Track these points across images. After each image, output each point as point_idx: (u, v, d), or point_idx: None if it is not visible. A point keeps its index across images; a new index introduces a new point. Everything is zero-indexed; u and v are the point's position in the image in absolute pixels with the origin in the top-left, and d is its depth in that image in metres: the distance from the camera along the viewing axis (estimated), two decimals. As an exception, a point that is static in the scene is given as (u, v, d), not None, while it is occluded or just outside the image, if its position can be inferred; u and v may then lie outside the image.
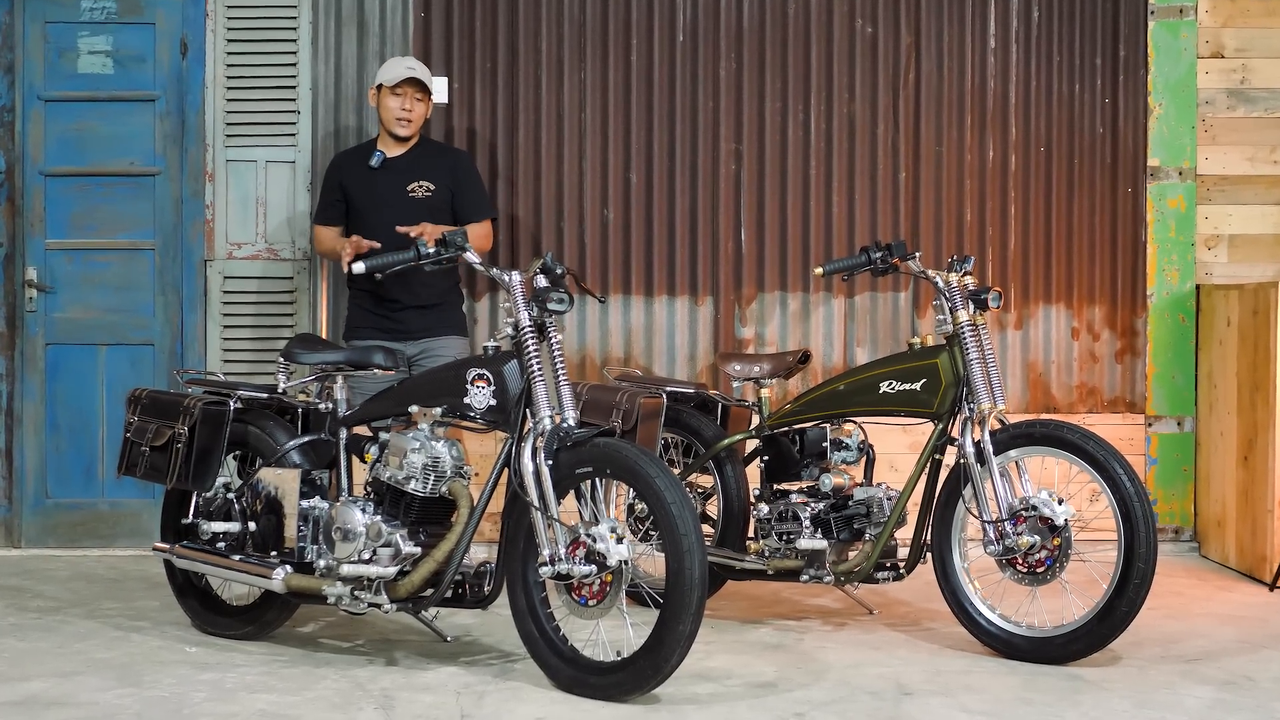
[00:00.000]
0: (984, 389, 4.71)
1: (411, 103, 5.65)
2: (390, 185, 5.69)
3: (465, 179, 5.79)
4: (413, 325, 5.68)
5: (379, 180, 5.70)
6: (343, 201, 5.76)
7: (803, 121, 6.45)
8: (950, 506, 4.78)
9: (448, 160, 5.80)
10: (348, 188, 5.75)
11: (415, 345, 5.68)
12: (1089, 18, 6.51)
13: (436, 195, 5.69)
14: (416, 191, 5.68)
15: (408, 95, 5.64)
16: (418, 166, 5.73)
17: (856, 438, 5.10)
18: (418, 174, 5.71)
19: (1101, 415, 6.49)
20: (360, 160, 5.76)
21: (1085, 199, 6.51)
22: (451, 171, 5.75)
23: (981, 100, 6.48)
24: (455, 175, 5.75)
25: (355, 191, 5.74)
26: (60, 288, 6.39)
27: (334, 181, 5.82)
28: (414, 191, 5.68)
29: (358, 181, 5.74)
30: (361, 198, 5.71)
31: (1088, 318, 6.55)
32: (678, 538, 4.00)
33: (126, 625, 5.07)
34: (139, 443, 4.87)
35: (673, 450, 5.45)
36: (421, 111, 5.70)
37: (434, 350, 5.69)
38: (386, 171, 5.70)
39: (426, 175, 5.70)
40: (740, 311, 6.45)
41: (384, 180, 5.70)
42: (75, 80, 6.35)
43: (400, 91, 5.64)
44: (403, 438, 4.42)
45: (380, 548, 4.42)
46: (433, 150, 5.85)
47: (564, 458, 4.18)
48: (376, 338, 5.61)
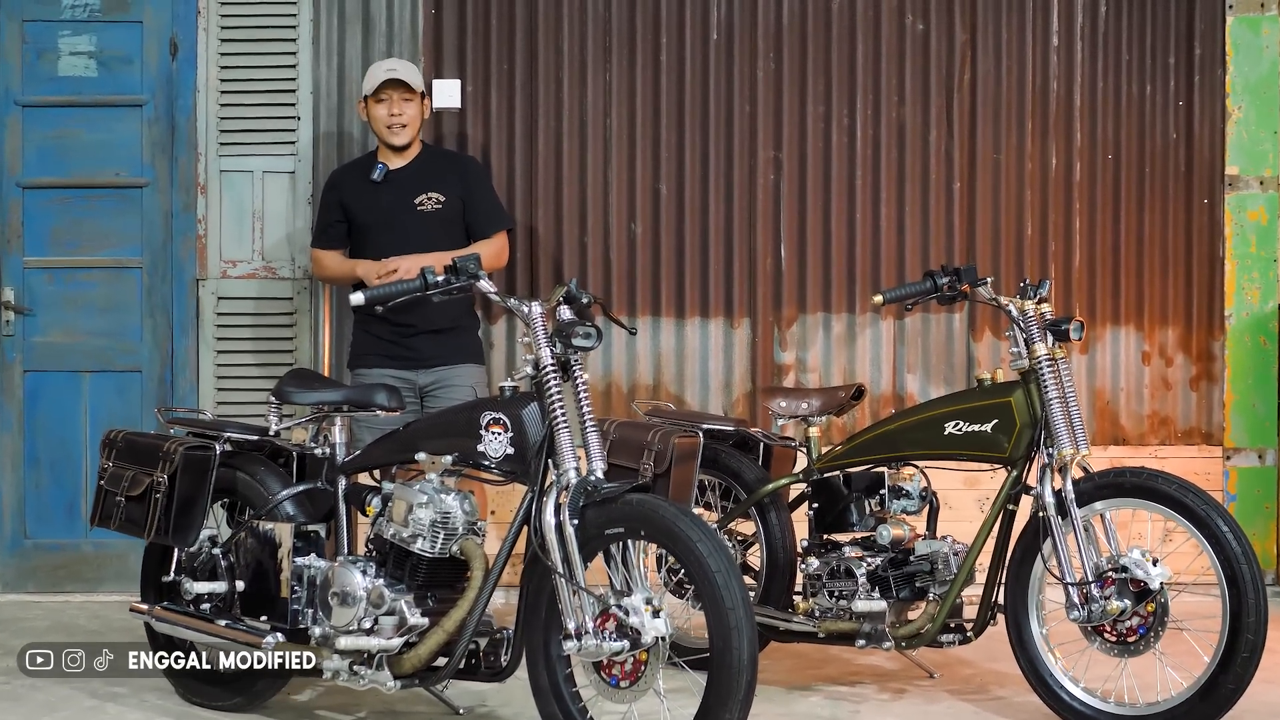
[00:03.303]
0: (1065, 432, 4.30)
1: (399, 105, 5.38)
2: (396, 200, 5.40)
3: (477, 187, 5.51)
4: (426, 353, 5.39)
5: (383, 195, 5.41)
6: (344, 222, 5.49)
7: (848, 127, 6.19)
8: (1026, 564, 4.38)
9: (456, 167, 5.54)
10: (349, 206, 5.47)
11: (428, 374, 5.40)
12: (1161, 13, 6.26)
13: (448, 207, 5.41)
14: (425, 204, 5.40)
15: (393, 99, 5.38)
16: (424, 176, 5.44)
17: (918, 484, 4.71)
18: (425, 185, 5.42)
19: (1175, 447, 6.26)
20: (360, 175, 5.48)
21: (1157, 211, 6.27)
22: (462, 179, 5.48)
23: (1043, 103, 6.21)
24: (466, 183, 5.48)
25: (357, 209, 5.45)
26: (40, 309, 6.18)
27: (332, 201, 5.54)
28: (422, 205, 5.40)
29: (359, 198, 5.45)
30: (365, 215, 5.43)
31: (1160, 341, 6.28)
32: (723, 612, 3.59)
33: (103, 692, 4.67)
34: (114, 491, 4.51)
35: (709, 493, 5.08)
36: (414, 113, 5.43)
37: (449, 380, 5.39)
38: (390, 185, 5.42)
39: (435, 185, 5.42)
40: (780, 334, 6.19)
41: (388, 195, 5.41)
42: (55, 83, 6.16)
43: (384, 97, 5.39)
44: (408, 489, 4.06)
45: (383, 616, 4.04)
46: (439, 157, 5.60)
47: (591, 515, 3.80)
48: (386, 366, 5.37)
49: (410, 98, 5.39)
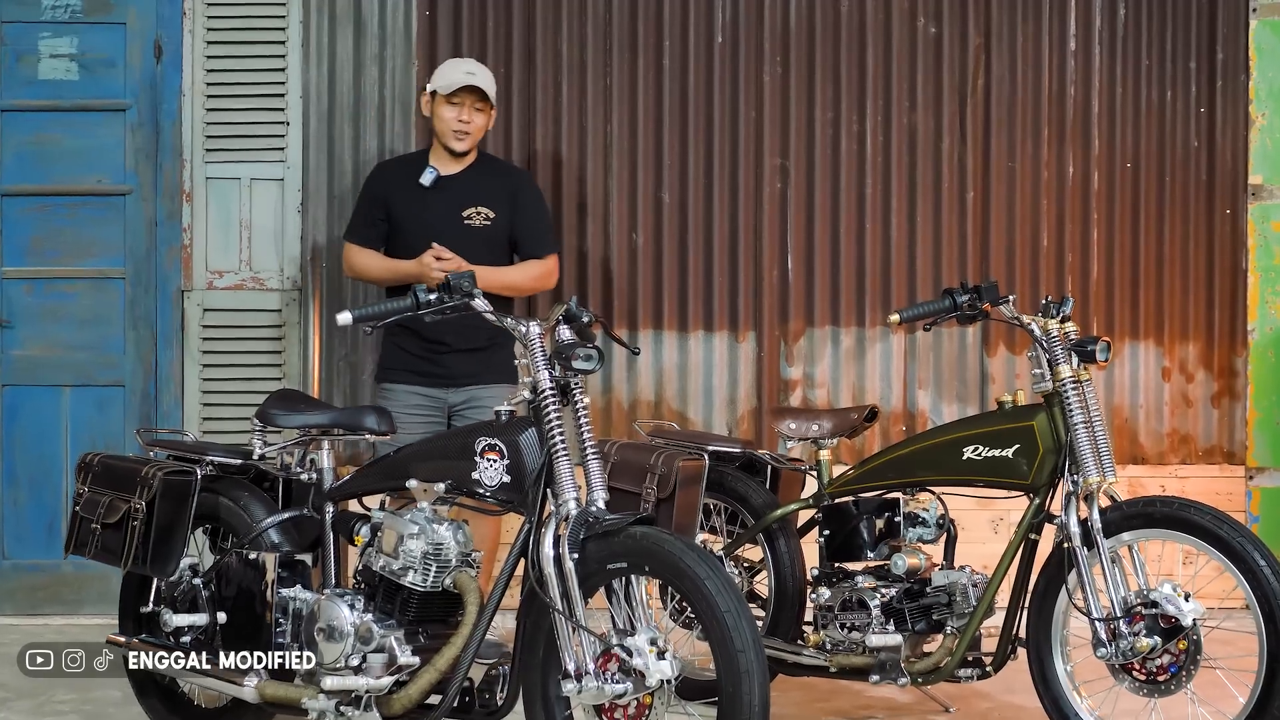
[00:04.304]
0: (1091, 458, 4.17)
1: (470, 113, 5.27)
2: (444, 209, 5.28)
3: (529, 206, 5.41)
4: (458, 370, 5.28)
5: (430, 202, 5.29)
6: (385, 221, 5.35)
7: (857, 134, 6.15)
8: (1050, 598, 4.25)
9: (510, 183, 5.42)
10: (393, 206, 5.34)
11: (460, 393, 5.28)
12: (1182, 16, 6.23)
13: (496, 225, 5.29)
14: (474, 219, 5.28)
15: (466, 105, 5.26)
16: (476, 188, 5.32)
17: (935, 511, 4.56)
18: (476, 198, 5.30)
19: (1195, 467, 6.23)
20: (409, 175, 5.35)
21: (1178, 222, 6.23)
22: (513, 196, 5.36)
23: (1060, 110, 6.18)
24: (517, 201, 5.36)
25: (402, 213, 5.32)
26: (19, 322, 6.11)
27: (377, 195, 5.40)
28: (470, 219, 5.28)
29: (406, 201, 5.32)
30: (408, 221, 5.30)
31: (1180, 356, 6.24)
32: (733, 655, 3.45)
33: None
34: (89, 518, 4.36)
35: (715, 517, 4.93)
36: (482, 123, 5.33)
37: (481, 400, 5.25)
38: (440, 192, 5.30)
39: (486, 200, 5.30)
40: (786, 349, 6.12)
41: (436, 202, 5.29)
42: (35, 87, 6.09)
43: (457, 100, 5.26)
44: (399, 519, 3.91)
45: (371, 653, 3.89)
46: (493, 170, 5.48)
47: (593, 549, 3.65)
48: (414, 382, 5.28)
49: (483, 108, 5.28)
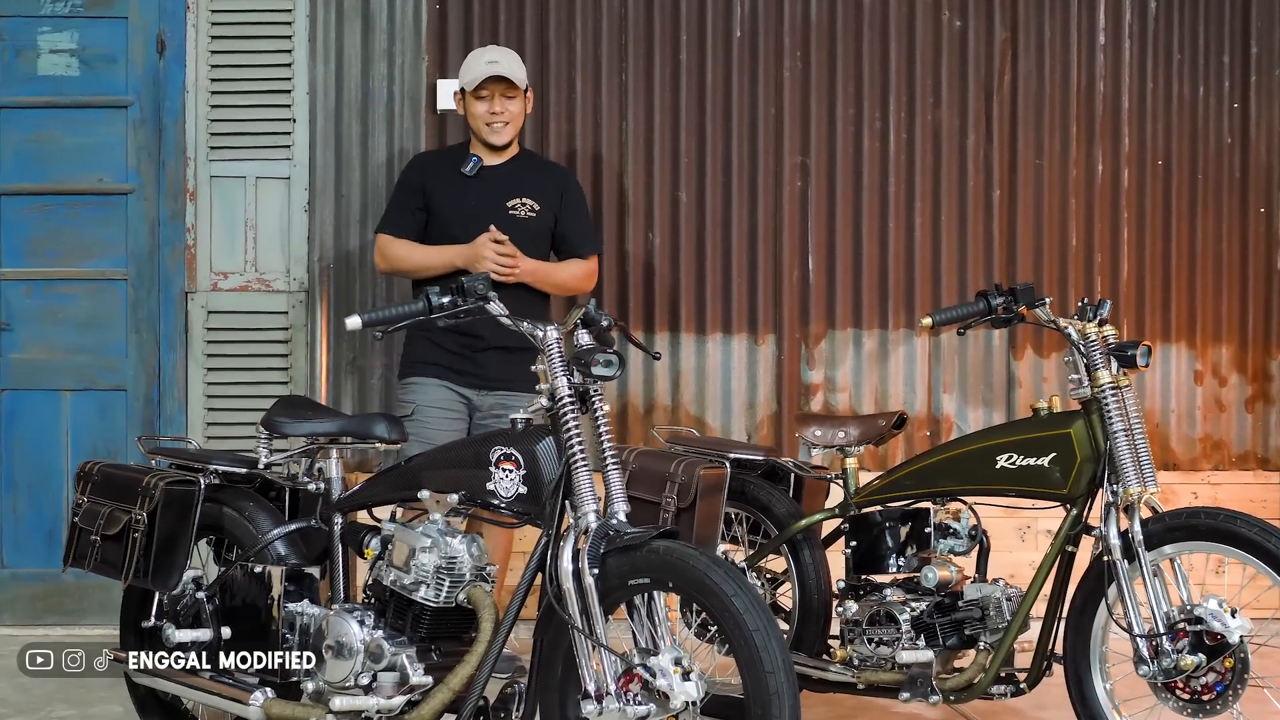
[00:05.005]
0: (1132, 467, 4.06)
1: (501, 104, 5.16)
2: (487, 198, 5.16)
3: (575, 204, 5.32)
4: (493, 372, 5.12)
5: (473, 191, 5.17)
6: (424, 211, 5.22)
7: (880, 131, 6.12)
8: (1088, 613, 4.13)
9: (555, 179, 5.34)
10: (433, 195, 5.20)
11: (491, 396, 5.14)
12: (1215, 9, 6.20)
13: (540, 218, 5.19)
14: (519, 210, 5.16)
15: (495, 95, 5.15)
16: (521, 180, 5.22)
17: (966, 521, 4.44)
18: (521, 189, 5.20)
19: (1229, 473, 6.17)
20: (451, 164, 5.24)
21: (1210, 220, 6.20)
22: (560, 192, 5.27)
23: (1089, 106, 6.15)
24: (564, 198, 5.27)
25: (442, 201, 5.19)
26: (17, 324, 6.06)
27: (415, 184, 5.25)
28: (515, 209, 5.16)
29: (446, 189, 5.19)
30: (449, 209, 5.17)
31: (1213, 359, 6.20)
32: (762, 676, 3.31)
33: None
34: (88, 529, 4.27)
35: (736, 526, 4.84)
36: (517, 110, 5.21)
37: (512, 407, 5.01)
38: (483, 181, 5.19)
39: (530, 192, 5.20)
40: (807, 352, 6.08)
41: (479, 192, 5.17)
42: (35, 83, 6.05)
43: (485, 93, 5.15)
44: (410, 532, 3.81)
45: (382, 672, 3.79)
46: (537, 164, 5.41)
47: (613, 563, 3.54)
48: (445, 378, 5.13)
49: (513, 94, 5.18)
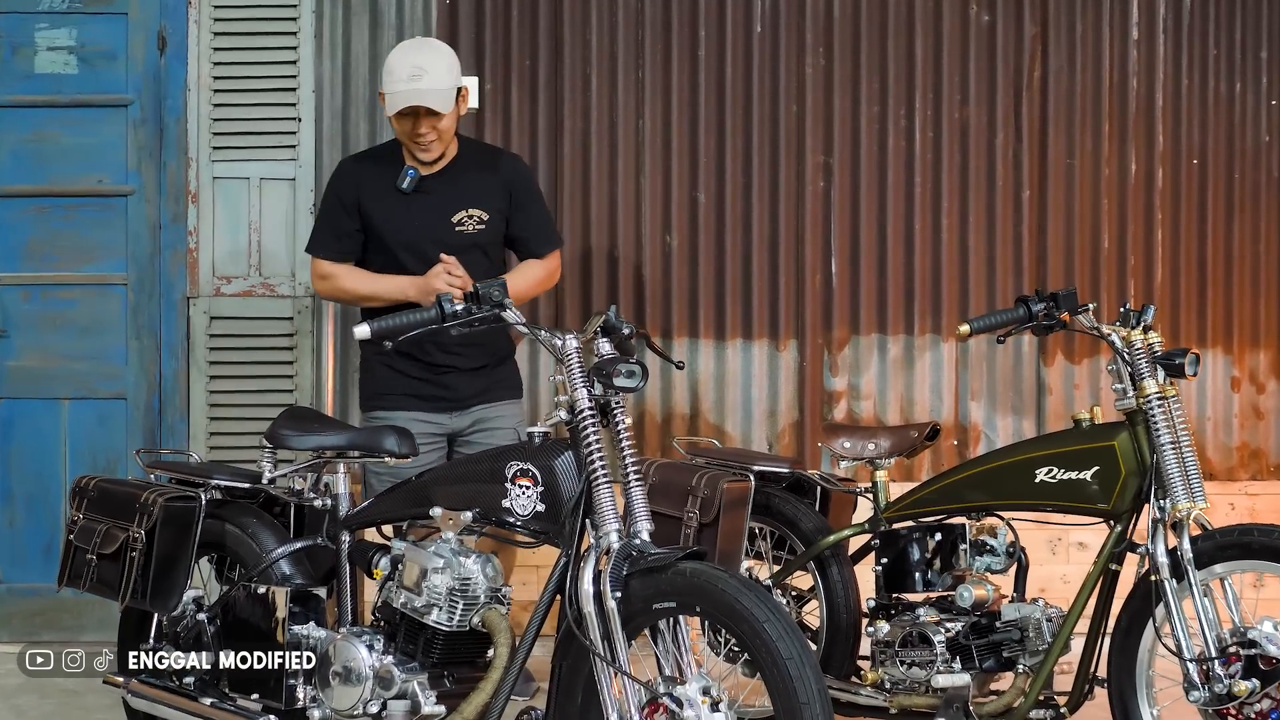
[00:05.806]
0: (1180, 481, 3.90)
1: (426, 124, 4.67)
2: (430, 216, 4.75)
3: (526, 198, 4.87)
4: (464, 391, 4.81)
5: (415, 211, 4.75)
6: (361, 232, 4.82)
7: (905, 129, 6.06)
8: (1134, 635, 3.99)
9: (501, 175, 4.86)
10: (370, 214, 4.78)
11: (466, 416, 4.83)
12: (1252, 3, 6.14)
13: (491, 227, 4.78)
14: (466, 224, 4.74)
15: (420, 114, 4.66)
16: (463, 188, 4.78)
17: (1004, 538, 4.30)
18: (465, 199, 4.76)
19: (1266, 483, 6.09)
20: (383, 175, 4.79)
21: (1247, 222, 6.13)
22: (507, 189, 4.83)
23: (1121, 103, 6.08)
24: (513, 196, 4.84)
25: (381, 220, 4.78)
26: (14, 331, 6.02)
27: (348, 199, 4.83)
28: (462, 225, 4.74)
29: (383, 208, 4.78)
30: (388, 230, 4.76)
31: (1250, 365, 6.13)
32: (796, 707, 3.18)
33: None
34: (84, 548, 4.17)
35: (760, 541, 4.72)
36: (448, 124, 4.70)
37: (490, 422, 4.87)
38: (422, 196, 4.75)
39: (476, 200, 4.76)
40: (830, 358, 6.02)
41: (421, 208, 4.75)
42: (32, 82, 6.01)
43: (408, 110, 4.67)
44: (422, 551, 3.70)
45: (392, 699, 3.70)
46: (479, 160, 4.89)
47: (637, 586, 3.40)
48: (413, 408, 4.76)
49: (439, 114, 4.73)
